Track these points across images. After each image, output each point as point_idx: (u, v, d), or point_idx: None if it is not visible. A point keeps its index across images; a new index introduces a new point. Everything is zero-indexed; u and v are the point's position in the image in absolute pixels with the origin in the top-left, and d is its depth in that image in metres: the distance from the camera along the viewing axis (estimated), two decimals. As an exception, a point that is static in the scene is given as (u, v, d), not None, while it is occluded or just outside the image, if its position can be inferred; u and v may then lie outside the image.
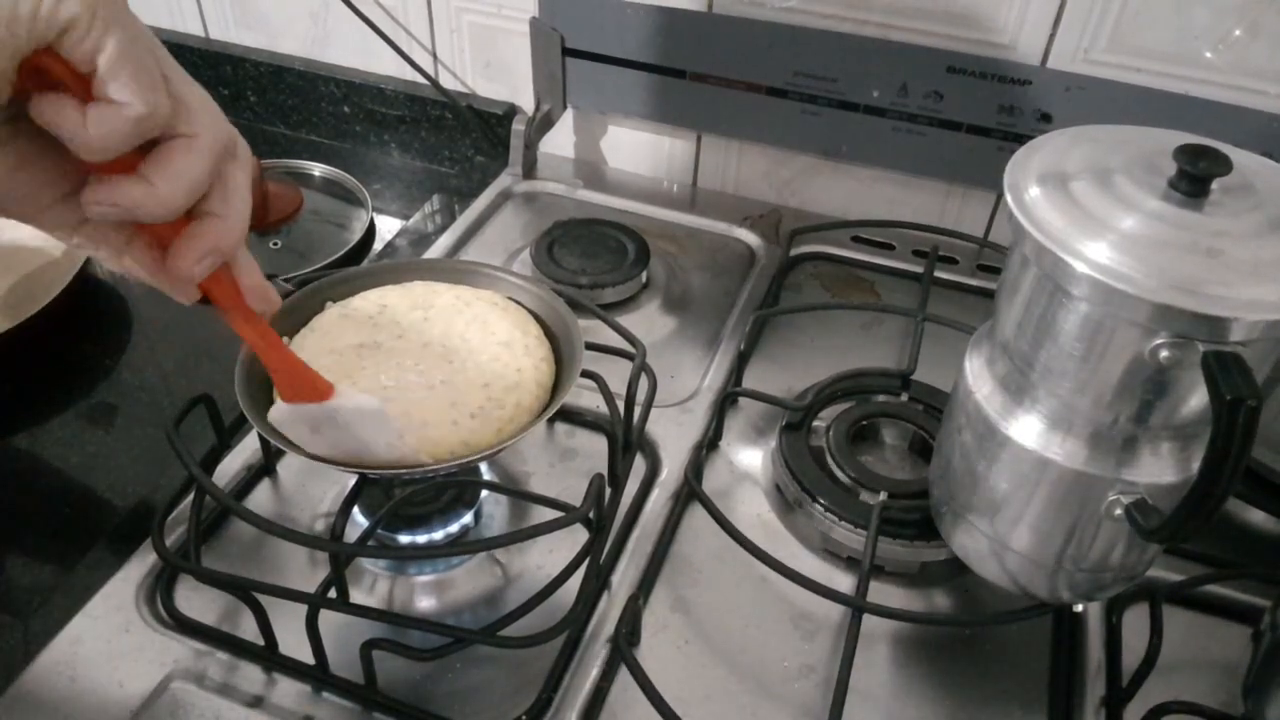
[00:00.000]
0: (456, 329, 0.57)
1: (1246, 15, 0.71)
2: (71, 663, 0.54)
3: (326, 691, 0.54)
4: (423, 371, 0.54)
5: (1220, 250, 0.40)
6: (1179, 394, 0.43)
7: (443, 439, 0.51)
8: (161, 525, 0.57)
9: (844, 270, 0.89)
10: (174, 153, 0.36)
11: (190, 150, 0.36)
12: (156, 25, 1.10)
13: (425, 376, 0.54)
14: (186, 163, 0.36)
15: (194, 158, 0.37)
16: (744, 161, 0.95)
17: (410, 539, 0.61)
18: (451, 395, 0.53)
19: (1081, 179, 0.44)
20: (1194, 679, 0.56)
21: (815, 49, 0.82)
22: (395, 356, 0.55)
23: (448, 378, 0.54)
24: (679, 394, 0.73)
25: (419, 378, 0.54)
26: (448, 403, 0.52)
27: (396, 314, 0.58)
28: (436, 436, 0.51)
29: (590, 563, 0.54)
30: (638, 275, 0.82)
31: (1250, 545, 0.64)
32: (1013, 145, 0.80)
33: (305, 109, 1.07)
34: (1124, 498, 0.46)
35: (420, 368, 0.54)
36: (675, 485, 0.65)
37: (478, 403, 0.52)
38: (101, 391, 0.72)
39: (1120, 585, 0.52)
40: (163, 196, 0.36)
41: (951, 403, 0.55)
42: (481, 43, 0.97)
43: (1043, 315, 0.45)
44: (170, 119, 0.36)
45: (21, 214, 0.39)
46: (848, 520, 0.61)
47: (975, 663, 0.57)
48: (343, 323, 0.57)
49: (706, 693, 0.55)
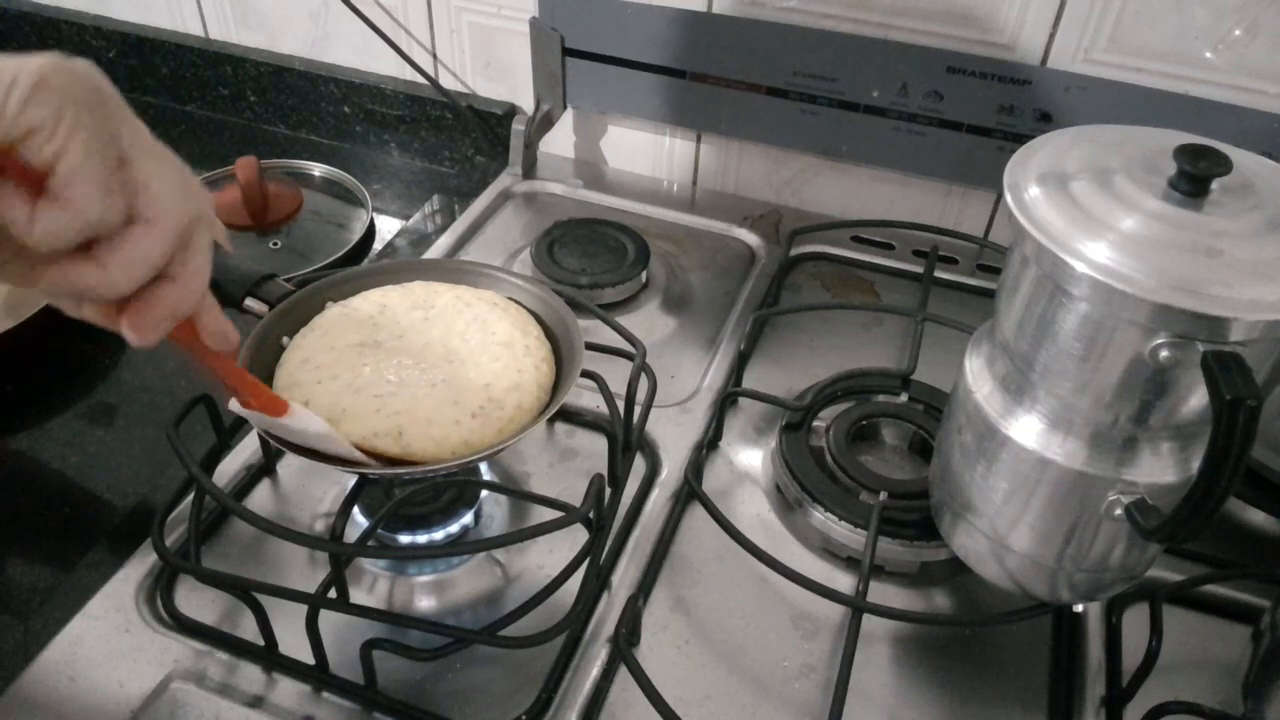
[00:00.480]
0: (457, 329, 0.57)
1: (1246, 15, 0.71)
2: (71, 663, 0.54)
3: (326, 691, 0.54)
4: (424, 370, 0.54)
5: (1220, 250, 0.40)
6: (1179, 394, 0.43)
7: (445, 437, 0.51)
8: (161, 525, 0.57)
9: (844, 270, 0.89)
10: (129, 240, 0.35)
11: (147, 236, 0.35)
12: (156, 25, 1.10)
13: (427, 375, 0.54)
14: (142, 250, 0.35)
15: (150, 244, 0.35)
16: (744, 161, 0.95)
17: (410, 539, 0.61)
18: (453, 394, 0.53)
19: (1081, 179, 0.44)
20: (1194, 679, 0.56)
21: (815, 49, 0.82)
22: (396, 355, 0.55)
23: (449, 377, 0.54)
24: (679, 394, 0.73)
25: (421, 375, 0.54)
26: (450, 401, 0.52)
27: (397, 314, 0.58)
28: (439, 435, 0.51)
29: (590, 563, 0.54)
30: (638, 275, 0.82)
31: (1250, 545, 0.64)
32: (1013, 145, 0.80)
33: (305, 109, 1.07)
34: (1124, 498, 0.46)
35: (421, 366, 0.54)
36: (675, 485, 0.65)
37: (479, 402, 0.52)
38: (101, 391, 0.72)
39: (1120, 585, 0.52)
40: (115, 282, 0.35)
41: (951, 403, 0.55)
42: (481, 43, 0.97)
43: (1043, 315, 0.45)
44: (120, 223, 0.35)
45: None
46: (848, 520, 0.61)
47: (975, 663, 0.57)
48: (343, 321, 0.57)
49: (706, 693, 0.55)
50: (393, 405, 0.51)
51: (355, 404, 0.51)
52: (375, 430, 0.50)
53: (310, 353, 0.54)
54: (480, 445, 0.51)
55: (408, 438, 0.50)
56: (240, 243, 0.89)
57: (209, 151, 1.06)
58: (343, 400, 0.52)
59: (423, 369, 0.54)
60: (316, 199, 0.96)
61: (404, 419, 0.51)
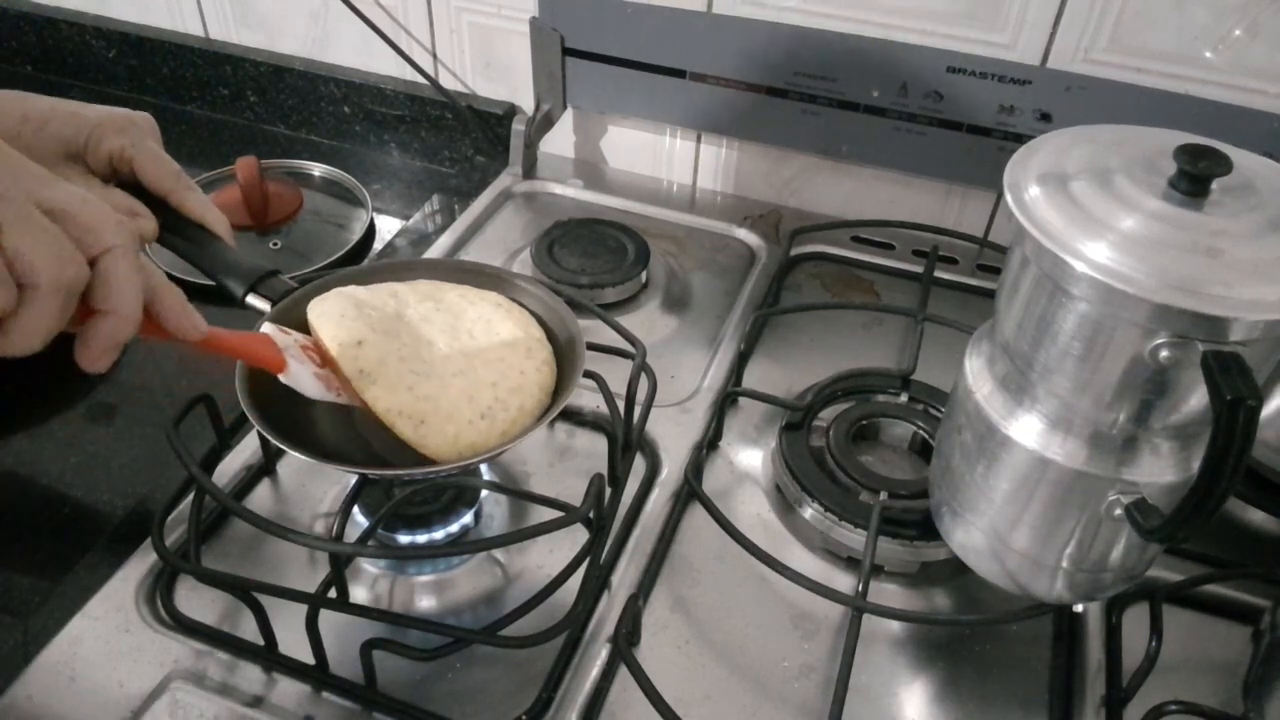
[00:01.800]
0: (464, 325, 0.57)
1: (1246, 15, 0.71)
2: (71, 663, 0.54)
3: (326, 691, 0.54)
4: (447, 359, 0.54)
5: (1220, 250, 0.40)
6: (1179, 394, 0.43)
7: (458, 437, 0.51)
8: (161, 525, 0.57)
9: (844, 270, 0.89)
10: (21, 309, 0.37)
11: (31, 303, 0.37)
12: (157, 25, 1.10)
13: (451, 364, 0.53)
14: (30, 315, 0.37)
15: (36, 309, 0.37)
16: (744, 161, 0.95)
17: (410, 539, 0.61)
18: (470, 389, 0.52)
19: (1081, 179, 0.44)
20: (1194, 679, 0.56)
21: (815, 49, 0.82)
22: (423, 338, 0.54)
23: (465, 369, 0.53)
24: (679, 394, 0.73)
25: (446, 363, 0.53)
26: (466, 398, 0.52)
27: (410, 301, 0.57)
28: (453, 433, 0.51)
29: (590, 563, 0.54)
30: (638, 275, 0.82)
31: (1250, 545, 0.64)
32: (1013, 145, 0.80)
33: (305, 109, 1.07)
34: (1124, 498, 0.46)
35: (444, 355, 0.54)
36: (675, 485, 0.65)
37: (487, 402, 0.52)
38: (101, 391, 0.72)
39: (1120, 585, 0.52)
40: (19, 345, 0.37)
41: (951, 403, 0.55)
42: (481, 43, 0.97)
43: (1043, 315, 0.45)
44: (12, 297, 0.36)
45: None
46: (848, 520, 0.61)
47: (975, 663, 0.57)
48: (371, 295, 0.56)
49: (706, 693, 0.55)
50: (424, 389, 0.51)
51: (396, 370, 0.51)
52: (402, 409, 0.50)
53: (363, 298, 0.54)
54: (484, 448, 0.51)
55: (427, 429, 0.50)
56: (240, 243, 0.88)
57: (209, 151, 1.06)
58: (389, 361, 0.51)
59: (445, 357, 0.54)
60: (316, 199, 0.96)
61: (429, 407, 0.50)
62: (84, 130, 0.54)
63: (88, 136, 0.54)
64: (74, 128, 0.53)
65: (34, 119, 0.53)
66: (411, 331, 0.54)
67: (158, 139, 0.57)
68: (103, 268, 0.39)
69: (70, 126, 0.53)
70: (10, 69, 1.17)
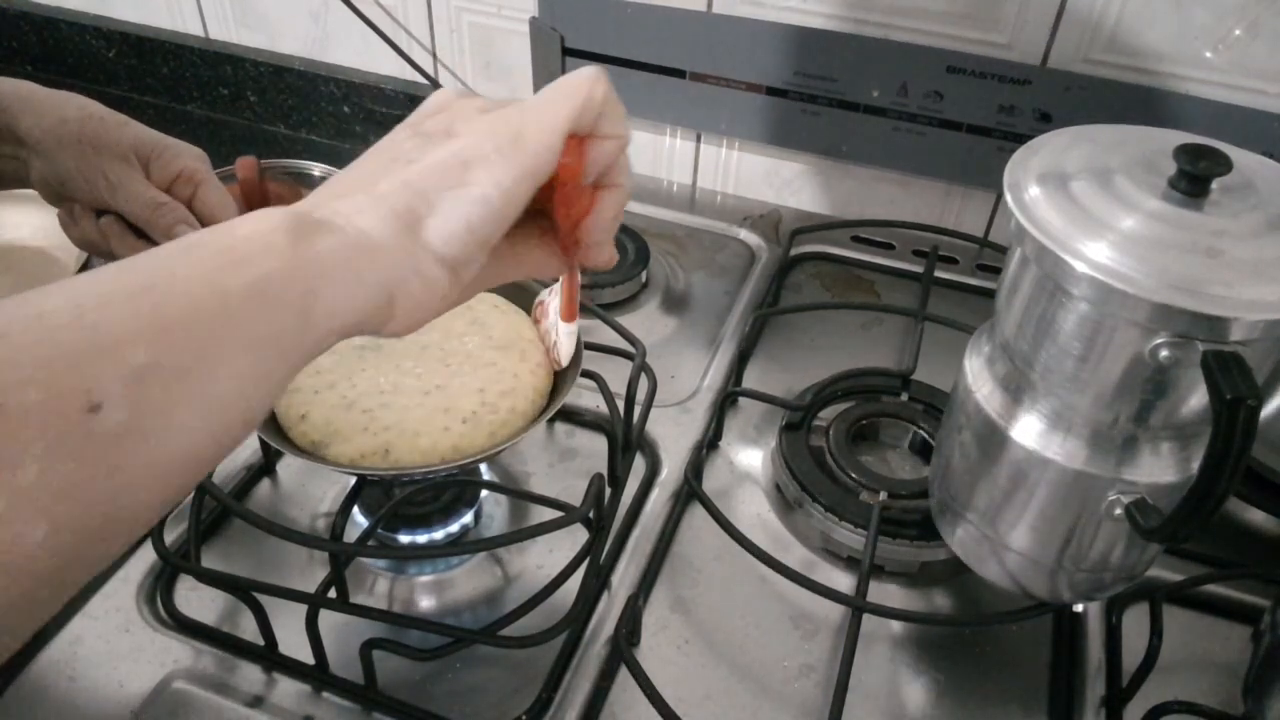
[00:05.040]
0: (456, 330, 0.57)
1: (1246, 15, 0.71)
2: (71, 663, 0.54)
3: (326, 691, 0.54)
4: (420, 375, 0.54)
5: (1220, 250, 0.40)
6: (1179, 394, 0.43)
7: (433, 446, 0.52)
8: (161, 525, 0.57)
9: (844, 270, 0.89)
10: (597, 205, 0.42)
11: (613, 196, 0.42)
12: (157, 25, 1.10)
13: (421, 381, 0.54)
14: (611, 210, 0.42)
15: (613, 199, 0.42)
16: (744, 161, 0.95)
17: (410, 539, 0.61)
18: (445, 402, 0.53)
19: (1081, 179, 0.44)
20: (1194, 679, 0.56)
21: (815, 49, 0.82)
22: (394, 359, 0.55)
23: (444, 382, 0.54)
24: (679, 394, 0.73)
25: (416, 382, 0.54)
26: (440, 409, 0.53)
27: None
28: (426, 445, 0.52)
29: (590, 563, 0.54)
30: (638, 275, 0.82)
31: (1250, 545, 0.64)
32: (1013, 145, 0.80)
33: (305, 109, 1.07)
34: (1124, 498, 0.46)
35: (418, 371, 0.55)
36: (675, 485, 0.65)
37: (471, 408, 0.53)
38: (101, 391, 0.72)
39: (1120, 585, 0.52)
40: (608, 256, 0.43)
41: (951, 403, 0.55)
42: (481, 43, 0.97)
43: (1043, 315, 0.45)
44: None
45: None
46: (848, 520, 0.61)
47: (975, 663, 0.57)
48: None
49: (706, 693, 0.55)
50: (381, 421, 0.52)
51: (345, 422, 0.52)
52: (363, 452, 0.51)
53: None
54: (471, 449, 0.52)
55: (395, 453, 0.51)
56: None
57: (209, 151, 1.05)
58: (335, 419, 0.52)
59: (420, 374, 0.54)
60: (316, 199, 0.96)
61: (391, 435, 0.52)
62: (161, 143, 0.56)
63: (164, 150, 0.56)
64: (151, 138, 0.56)
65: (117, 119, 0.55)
66: (380, 357, 0.56)
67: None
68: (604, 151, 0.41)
69: (147, 134, 0.56)
70: (10, 69, 1.17)
